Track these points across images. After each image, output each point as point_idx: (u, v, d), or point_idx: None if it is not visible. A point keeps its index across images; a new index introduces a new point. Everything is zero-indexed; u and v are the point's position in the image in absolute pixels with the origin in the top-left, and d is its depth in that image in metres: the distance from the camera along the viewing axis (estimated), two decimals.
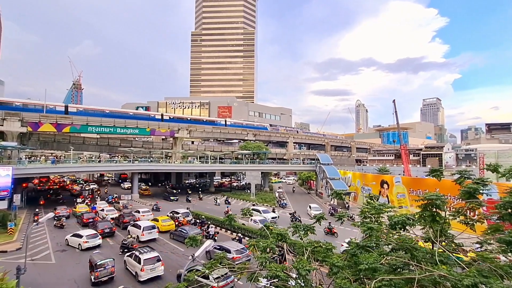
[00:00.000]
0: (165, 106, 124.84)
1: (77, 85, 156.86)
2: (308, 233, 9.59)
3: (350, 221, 16.03)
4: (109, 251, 22.41)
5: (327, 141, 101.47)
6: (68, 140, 57.30)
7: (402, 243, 7.82)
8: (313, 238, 9.54)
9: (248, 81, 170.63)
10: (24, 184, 43.83)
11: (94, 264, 16.58)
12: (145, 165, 51.84)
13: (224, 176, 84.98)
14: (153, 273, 17.20)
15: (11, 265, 15.34)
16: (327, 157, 57.12)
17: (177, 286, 8.23)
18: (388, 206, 9.36)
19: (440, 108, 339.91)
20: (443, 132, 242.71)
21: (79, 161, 53.01)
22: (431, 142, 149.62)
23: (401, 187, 38.19)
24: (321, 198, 52.45)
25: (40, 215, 31.02)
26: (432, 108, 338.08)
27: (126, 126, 56.94)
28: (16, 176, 32.47)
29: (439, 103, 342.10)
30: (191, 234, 13.47)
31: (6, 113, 44.79)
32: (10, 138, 43.76)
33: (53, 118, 49.43)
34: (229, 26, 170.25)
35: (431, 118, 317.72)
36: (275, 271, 7.50)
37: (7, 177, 30.08)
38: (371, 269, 6.70)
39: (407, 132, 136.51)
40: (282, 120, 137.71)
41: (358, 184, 47.98)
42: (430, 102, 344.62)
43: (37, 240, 25.39)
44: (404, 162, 53.07)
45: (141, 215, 31.84)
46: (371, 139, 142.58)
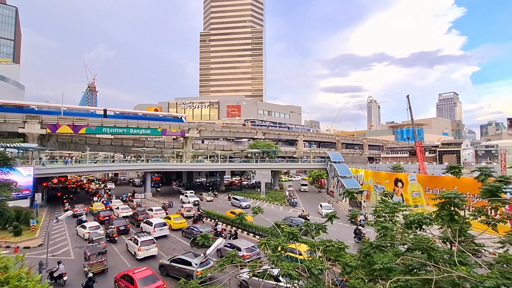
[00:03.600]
0: (176, 107, 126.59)
1: (91, 88, 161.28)
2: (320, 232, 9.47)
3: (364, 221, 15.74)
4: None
5: (338, 139, 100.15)
6: (85, 141, 59.01)
7: (418, 243, 7.58)
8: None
9: (257, 79, 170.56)
10: (44, 183, 45.43)
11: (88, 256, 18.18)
12: (157, 164, 52.77)
13: (234, 175, 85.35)
14: (149, 253, 20.55)
15: (34, 260, 15.97)
16: (338, 155, 56.33)
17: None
18: (403, 204, 9.09)
19: (458, 103, 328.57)
20: (461, 128, 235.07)
21: (94, 161, 54.43)
22: (448, 138, 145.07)
23: (416, 185, 37.21)
24: (332, 196, 51.82)
25: (69, 208, 34.03)
26: (449, 103, 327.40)
27: (139, 127, 58.07)
28: (36, 176, 33.79)
29: (456, 98, 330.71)
30: (203, 232, 13.59)
31: (27, 116, 46.56)
32: (31, 139, 45.45)
33: (70, 120, 50.95)
34: (237, 25, 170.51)
35: (447, 113, 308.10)
36: (287, 270, 7.43)
37: (29, 177, 31.27)
38: (386, 269, 6.53)
39: (422, 128, 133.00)
40: (292, 118, 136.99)
41: (370, 182, 47.11)
42: (446, 96, 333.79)
43: (57, 237, 26.30)
44: (419, 160, 51.70)
45: (154, 213, 32.43)
46: (384, 136, 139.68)
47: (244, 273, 12.33)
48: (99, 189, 55.39)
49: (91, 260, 17.95)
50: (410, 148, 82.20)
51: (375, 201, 39.69)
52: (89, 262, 17.89)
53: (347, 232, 26.88)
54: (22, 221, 27.49)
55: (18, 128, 45.32)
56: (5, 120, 45.07)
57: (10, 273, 2.84)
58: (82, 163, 47.51)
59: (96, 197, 46.36)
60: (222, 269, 8.72)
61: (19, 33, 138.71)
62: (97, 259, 18.14)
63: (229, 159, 61.68)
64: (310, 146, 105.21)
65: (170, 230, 27.45)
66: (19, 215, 28.15)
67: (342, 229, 28.33)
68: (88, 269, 17.71)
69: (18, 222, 26.80)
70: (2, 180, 25.22)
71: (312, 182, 71.03)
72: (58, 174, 50.30)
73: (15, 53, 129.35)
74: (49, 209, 38.14)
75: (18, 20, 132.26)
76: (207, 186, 65.66)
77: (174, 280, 17.28)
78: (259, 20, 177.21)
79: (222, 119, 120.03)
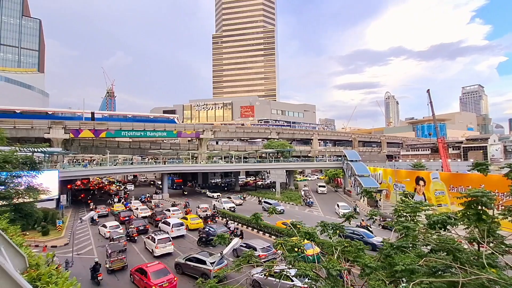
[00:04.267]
0: (190, 109, 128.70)
1: (110, 93, 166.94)
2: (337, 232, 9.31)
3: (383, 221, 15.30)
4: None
5: (354, 137, 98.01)
6: (105, 145, 61.18)
7: (443, 244, 7.28)
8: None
9: (270, 79, 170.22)
10: (68, 185, 47.47)
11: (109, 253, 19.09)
12: (173, 166, 53.88)
13: (249, 175, 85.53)
14: (165, 250, 21.51)
15: (61, 259, 16.75)
16: (354, 153, 55.18)
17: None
18: (425, 204, 8.77)
19: (483, 96, 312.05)
20: (487, 122, 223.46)
21: (114, 163, 56.25)
22: (473, 133, 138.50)
23: (439, 183, 35.78)
24: (349, 196, 50.83)
25: (94, 209, 35.64)
26: (474, 96, 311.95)
27: (155, 129, 59.60)
28: (61, 178, 35.33)
29: (481, 90, 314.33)
30: (219, 232, 13.72)
31: (51, 122, 48.91)
32: (56, 144, 47.68)
33: (91, 124, 52.98)
34: (249, 26, 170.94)
35: (472, 107, 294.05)
36: (304, 270, 7.36)
37: (55, 180, 32.77)
38: (408, 270, 6.32)
39: (444, 123, 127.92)
40: (306, 117, 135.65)
41: (390, 181, 45.80)
42: (470, 89, 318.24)
43: (81, 236, 27.42)
44: (442, 157, 49.74)
45: (172, 214, 33.11)
46: (403, 133, 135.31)
47: (256, 272, 12.36)
48: (119, 191, 57.25)
49: (112, 257, 18.73)
50: (432, 145, 79.20)
51: (395, 200, 38.58)
52: (110, 259, 18.66)
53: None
54: (49, 222, 28.84)
55: (44, 134, 47.67)
56: (32, 126, 47.54)
57: (42, 270, 2.99)
58: (103, 166, 49.22)
59: (116, 198, 47.92)
60: (239, 269, 8.77)
61: (43, 44, 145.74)
62: (117, 256, 18.94)
63: (244, 159, 61.89)
64: (326, 144, 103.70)
65: (187, 230, 27.93)
66: (47, 216, 29.56)
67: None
68: (109, 266, 18.49)
69: (46, 222, 28.15)
70: (31, 184, 26.53)
71: (328, 181, 70.00)
72: (81, 176, 52.42)
73: (39, 63, 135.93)
74: (73, 210, 39.84)
75: (41, 32, 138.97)
76: (222, 186, 66.21)
77: (190, 278, 17.67)
78: (271, 20, 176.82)
79: (236, 119, 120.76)
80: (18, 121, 47.80)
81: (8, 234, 3.50)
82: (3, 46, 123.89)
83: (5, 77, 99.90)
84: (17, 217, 23.36)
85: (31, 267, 3.03)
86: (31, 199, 26.28)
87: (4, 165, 23.93)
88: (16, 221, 20.65)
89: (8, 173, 24.32)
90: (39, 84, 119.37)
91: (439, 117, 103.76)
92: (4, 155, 24.09)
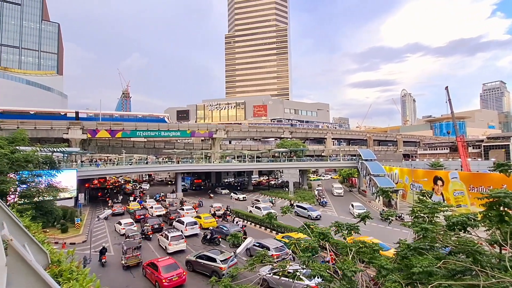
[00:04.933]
0: (203, 109, 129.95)
1: (126, 94, 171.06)
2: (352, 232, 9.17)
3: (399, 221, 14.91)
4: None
5: (369, 136, 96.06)
6: (121, 145, 62.77)
7: (462, 246, 7.04)
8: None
9: (283, 78, 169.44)
10: (86, 184, 49.06)
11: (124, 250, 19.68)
12: (187, 165, 54.58)
13: (262, 174, 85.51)
14: (178, 247, 22.19)
15: (79, 256, 17.33)
16: (369, 153, 54.10)
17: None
18: (444, 205, 8.49)
19: (505, 92, 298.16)
20: (510, 120, 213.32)
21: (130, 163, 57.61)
22: (495, 132, 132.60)
23: (458, 183, 34.58)
24: (364, 196, 49.91)
25: (115, 208, 37.46)
26: (495, 93, 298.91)
27: (169, 129, 60.59)
28: (79, 177, 36.56)
29: (503, 87, 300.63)
30: (232, 232, 13.80)
31: (70, 122, 50.61)
32: (74, 144, 49.34)
33: (107, 125, 54.49)
34: (261, 25, 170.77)
35: (493, 104, 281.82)
36: (319, 271, 7.29)
37: (73, 179, 33.96)
38: (425, 272, 6.15)
39: (464, 121, 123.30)
40: (319, 115, 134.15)
41: (406, 180, 44.65)
42: (492, 86, 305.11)
43: (98, 234, 28.28)
44: (462, 156, 48.03)
45: (185, 212, 33.60)
46: (420, 132, 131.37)
47: (264, 271, 12.34)
48: (134, 190, 58.61)
49: (128, 254, 19.28)
50: (451, 144, 76.56)
51: (411, 200, 37.59)
52: (126, 256, 19.21)
53: (381, 233, 25.74)
54: (68, 219, 29.93)
55: (62, 134, 49.43)
56: (51, 127, 49.36)
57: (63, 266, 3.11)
58: (119, 165, 50.51)
59: (132, 197, 49.07)
60: (252, 269, 8.79)
61: (62, 47, 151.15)
62: (133, 253, 19.52)
63: (257, 159, 61.93)
64: (340, 144, 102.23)
65: (201, 229, 28.27)
66: (65, 214, 30.71)
67: (376, 230, 27.21)
68: (124, 262, 19.02)
69: (65, 220, 29.21)
70: (51, 183, 27.59)
71: (342, 181, 69.04)
72: (97, 175, 54.00)
73: (58, 66, 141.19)
74: (91, 208, 41.13)
75: (60, 35, 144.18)
76: (235, 186, 66.53)
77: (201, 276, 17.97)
78: (284, 18, 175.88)
79: (249, 119, 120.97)
80: (38, 122, 49.74)
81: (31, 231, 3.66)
82: (24, 50, 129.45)
83: (26, 80, 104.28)
84: (38, 214, 24.27)
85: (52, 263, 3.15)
86: (51, 197, 27.35)
87: (26, 165, 24.98)
88: (37, 219, 21.52)
89: (30, 172, 25.38)
90: (58, 86, 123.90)
91: (458, 114, 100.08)
92: (26, 155, 25.13)
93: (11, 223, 2.95)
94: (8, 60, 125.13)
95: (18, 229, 2.91)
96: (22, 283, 1.34)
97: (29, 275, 1.35)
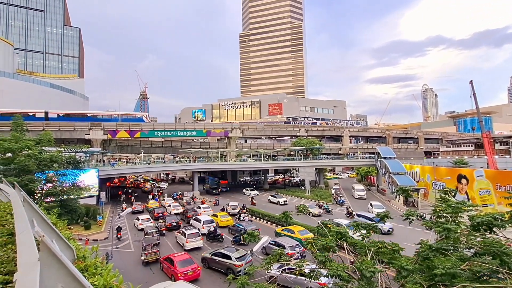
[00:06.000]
0: (219, 108, 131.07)
1: (143, 95, 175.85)
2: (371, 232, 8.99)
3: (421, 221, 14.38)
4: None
5: (389, 133, 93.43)
6: (139, 144, 64.68)
7: (488, 247, 6.72)
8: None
9: (298, 75, 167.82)
10: (107, 183, 50.90)
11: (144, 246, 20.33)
12: (204, 164, 55.39)
13: (278, 173, 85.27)
14: (195, 244, 22.84)
15: (102, 252, 18.07)
16: (389, 150, 52.65)
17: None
18: (468, 204, 8.14)
19: None
20: None
21: (148, 162, 59.23)
22: None
23: (484, 182, 32.97)
24: (383, 195, 48.65)
25: (134, 206, 38.74)
26: None
27: (185, 129, 61.70)
28: (101, 176, 38.01)
29: None
30: (249, 230, 13.89)
31: (91, 123, 52.66)
32: (95, 144, 51.31)
33: (126, 125, 56.24)
34: (276, 23, 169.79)
35: None
36: (336, 270, 7.20)
37: (95, 178, 35.39)
38: (448, 274, 5.93)
39: (490, 117, 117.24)
40: (336, 113, 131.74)
41: (428, 179, 43.09)
42: None
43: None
44: (488, 153, 45.78)
45: (202, 211, 34.14)
46: (443, 128, 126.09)
47: (274, 269, 12.32)
48: (153, 188, 60.23)
49: (147, 250, 19.95)
50: (476, 140, 72.92)
51: (434, 199, 36.25)
52: (145, 252, 19.88)
53: (401, 233, 25.06)
54: (90, 217, 31.23)
55: (84, 135, 51.51)
56: (74, 128, 51.55)
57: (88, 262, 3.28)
58: (137, 165, 52.04)
59: (150, 195, 50.42)
60: (269, 267, 8.82)
61: (82, 51, 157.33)
62: (152, 249, 20.18)
63: (272, 157, 61.85)
64: (357, 141, 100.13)
65: (218, 227, 28.62)
66: (88, 212, 32.05)
67: (396, 230, 26.52)
68: (144, 258, 19.72)
69: (88, 217, 30.50)
70: (74, 182, 28.88)
71: (360, 179, 67.65)
72: (118, 175, 55.85)
73: (79, 69, 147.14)
74: (112, 206, 42.65)
75: (81, 39, 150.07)
76: (251, 184, 66.81)
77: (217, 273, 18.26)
78: (298, 15, 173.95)
79: (264, 117, 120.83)
80: (62, 123, 52.11)
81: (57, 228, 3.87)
82: (48, 55, 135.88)
83: (50, 83, 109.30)
84: (63, 212, 25.41)
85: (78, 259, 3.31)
86: (75, 196, 28.62)
87: (52, 165, 26.29)
88: (62, 216, 22.58)
89: (55, 172, 26.68)
90: (79, 89, 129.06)
91: (484, 109, 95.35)
92: (51, 155, 26.45)
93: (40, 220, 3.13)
94: (34, 64, 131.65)
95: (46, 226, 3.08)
96: (53, 277, 1.44)
97: (59, 269, 1.45)
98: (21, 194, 4.52)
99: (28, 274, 1.40)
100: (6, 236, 3.69)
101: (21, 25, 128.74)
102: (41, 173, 25.34)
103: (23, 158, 23.47)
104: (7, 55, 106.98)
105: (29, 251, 1.72)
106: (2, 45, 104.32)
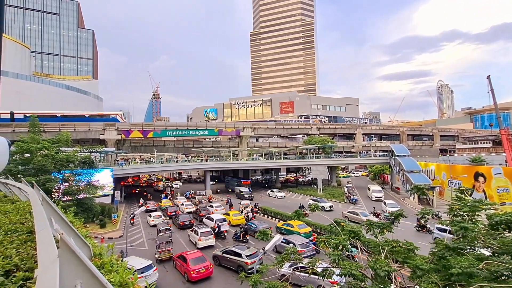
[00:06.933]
0: (230, 107, 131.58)
1: (156, 95, 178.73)
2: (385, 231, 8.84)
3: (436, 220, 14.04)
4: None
5: (403, 130, 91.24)
6: (152, 144, 65.83)
7: (507, 247, 6.49)
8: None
9: (309, 73, 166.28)
10: (122, 182, 52.05)
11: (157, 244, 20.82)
12: (216, 163, 55.89)
13: (289, 171, 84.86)
14: (207, 243, 23.23)
15: (117, 250, 18.56)
16: (403, 148, 51.52)
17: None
18: (486, 202, 7.88)
19: None
20: None
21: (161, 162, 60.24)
22: None
23: (503, 179, 31.79)
24: (397, 193, 47.67)
25: (148, 205, 39.37)
26: None
27: (197, 128, 62.35)
28: (115, 176, 38.93)
29: None
30: (261, 229, 13.94)
31: (105, 124, 53.95)
32: (109, 144, 52.56)
33: (139, 125, 57.33)
34: (286, 20, 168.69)
35: None
36: (349, 269, 7.14)
37: (110, 177, 36.32)
38: (465, 274, 5.78)
39: (509, 113, 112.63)
40: (348, 111, 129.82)
41: (443, 177, 41.91)
42: None
43: (133, 229, 29.90)
44: (507, 150, 44.19)
45: (214, 209, 34.46)
46: (459, 125, 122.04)
47: (285, 267, 12.31)
48: (166, 187, 61.23)
49: (161, 248, 20.37)
50: (494, 137, 70.37)
51: (450, 198, 35.23)
52: (159, 250, 20.30)
53: (416, 232, 24.51)
54: (105, 215, 31.99)
55: (99, 135, 52.84)
56: (89, 129, 52.95)
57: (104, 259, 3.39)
58: (150, 164, 52.97)
59: (163, 194, 51.27)
60: (281, 266, 8.83)
61: (96, 53, 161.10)
62: (165, 247, 20.59)
63: (284, 156, 61.66)
64: (370, 139, 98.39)
65: (230, 226, 28.86)
66: (103, 210, 32.87)
67: (410, 229, 25.93)
68: (158, 256, 20.15)
69: (103, 216, 31.28)
70: (90, 181, 29.68)
71: (373, 177, 66.55)
72: (131, 174, 57.01)
73: (93, 70, 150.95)
74: (126, 205, 43.64)
75: (94, 41, 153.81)
76: (263, 183, 66.84)
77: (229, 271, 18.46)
78: (309, 12, 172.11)
79: (275, 116, 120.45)
80: (78, 124, 53.60)
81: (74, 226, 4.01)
82: (63, 57, 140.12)
83: (65, 85, 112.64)
84: (79, 211, 26.06)
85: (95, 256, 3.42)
86: (90, 195, 29.42)
87: (68, 164, 27.12)
88: (79, 215, 23.26)
89: (71, 171, 27.49)
90: (93, 90, 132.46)
91: (502, 105, 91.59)
92: (68, 155, 27.27)
93: (58, 218, 3.25)
94: (49, 67, 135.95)
95: (64, 224, 3.20)
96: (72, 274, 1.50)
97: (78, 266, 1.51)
98: (40, 193, 4.68)
99: (49, 271, 1.47)
100: (26, 234, 3.85)
101: (37, 29, 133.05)
102: (58, 172, 26.13)
103: (40, 158, 24.29)
104: (24, 58, 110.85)
105: (49, 248, 1.80)
106: (19, 48, 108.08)
